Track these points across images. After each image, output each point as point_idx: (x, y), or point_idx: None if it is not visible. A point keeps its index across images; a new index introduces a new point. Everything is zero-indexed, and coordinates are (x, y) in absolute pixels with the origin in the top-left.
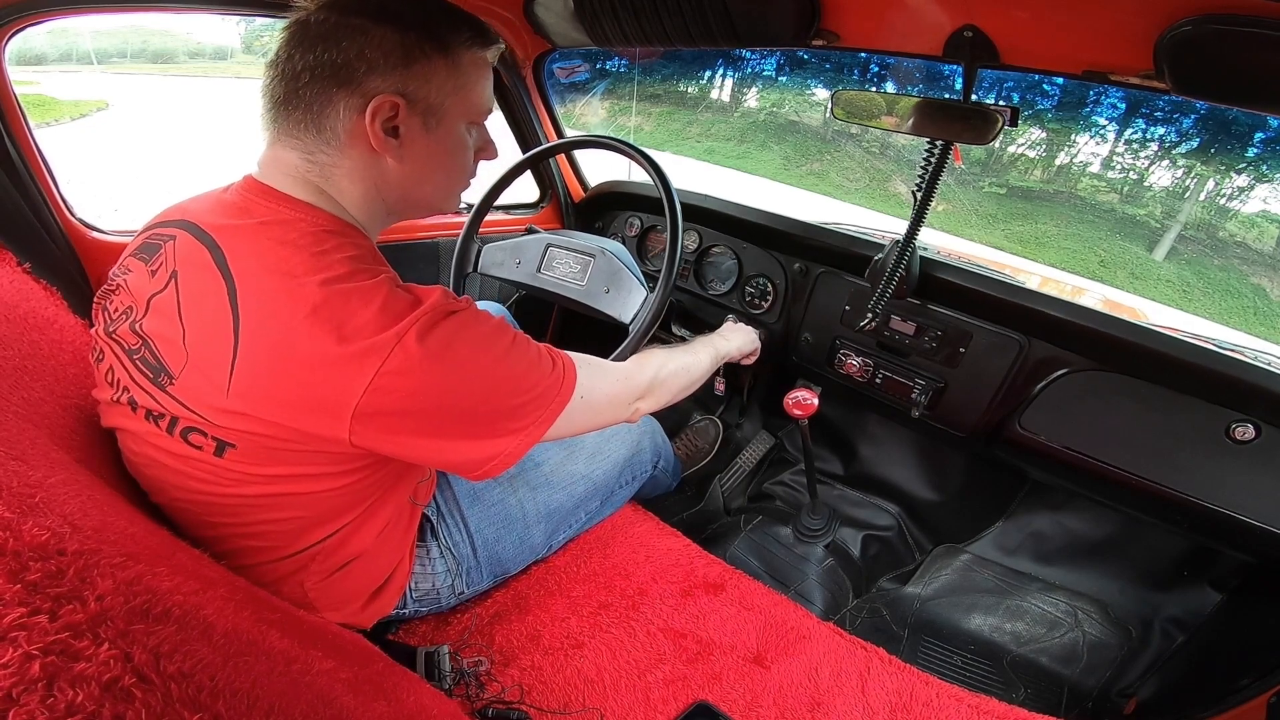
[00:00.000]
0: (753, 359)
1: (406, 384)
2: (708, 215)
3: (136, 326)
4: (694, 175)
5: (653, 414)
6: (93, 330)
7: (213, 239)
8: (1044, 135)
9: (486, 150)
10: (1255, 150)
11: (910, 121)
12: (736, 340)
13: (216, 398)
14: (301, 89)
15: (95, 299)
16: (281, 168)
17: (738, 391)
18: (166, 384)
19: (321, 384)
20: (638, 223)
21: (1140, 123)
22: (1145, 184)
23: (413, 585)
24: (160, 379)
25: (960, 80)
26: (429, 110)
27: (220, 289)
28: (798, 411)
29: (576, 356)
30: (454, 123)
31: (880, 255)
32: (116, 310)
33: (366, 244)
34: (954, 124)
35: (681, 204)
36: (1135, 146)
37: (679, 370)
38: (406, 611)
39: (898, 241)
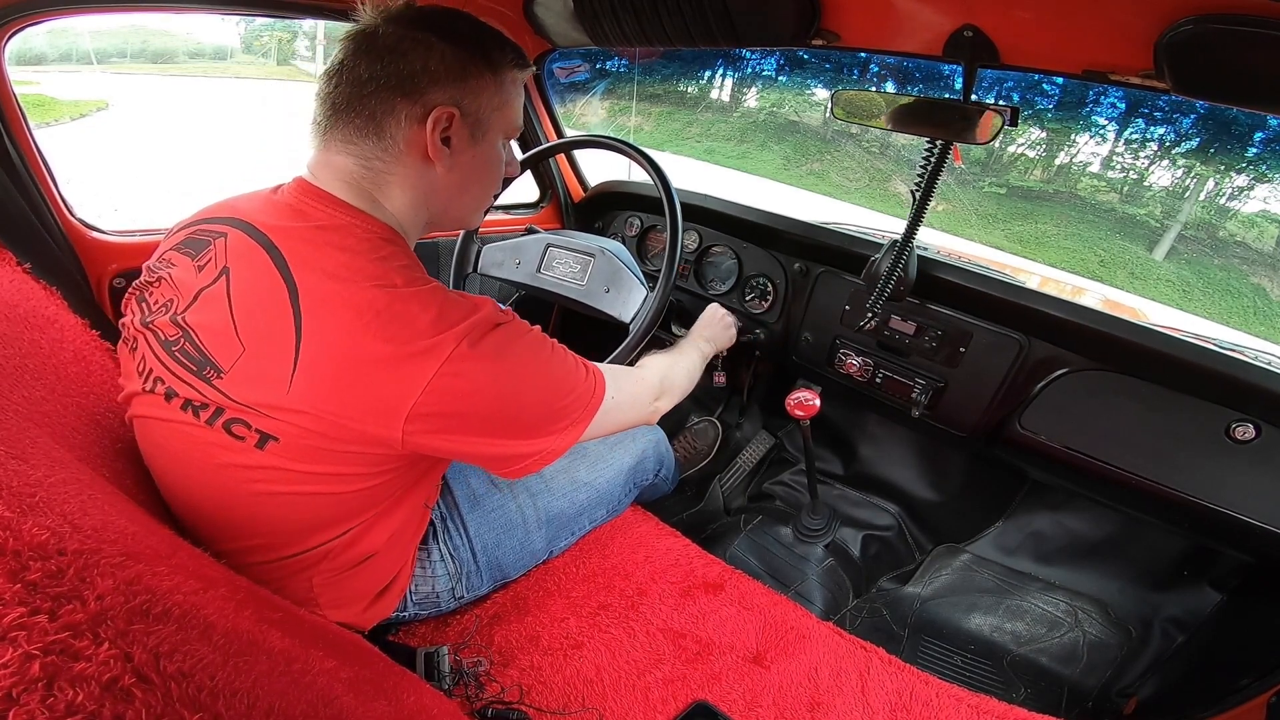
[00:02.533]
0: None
1: (462, 385)
2: (708, 215)
3: (179, 319)
4: (694, 175)
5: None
6: (124, 321)
7: (269, 239)
8: (1044, 135)
9: (513, 166)
10: (1255, 150)
11: (910, 121)
12: (718, 340)
13: (275, 395)
14: (367, 96)
15: (129, 290)
16: (336, 173)
17: (737, 391)
18: (212, 376)
19: (382, 385)
20: (638, 222)
21: (1140, 123)
22: (1145, 184)
23: (413, 588)
24: (205, 371)
25: (960, 80)
26: (477, 123)
27: (280, 290)
28: (799, 412)
29: (600, 365)
30: (495, 137)
31: (877, 256)
32: (156, 303)
33: (411, 252)
34: (954, 124)
35: (681, 204)
36: (1135, 146)
37: (681, 369)
38: (406, 614)
39: (895, 243)
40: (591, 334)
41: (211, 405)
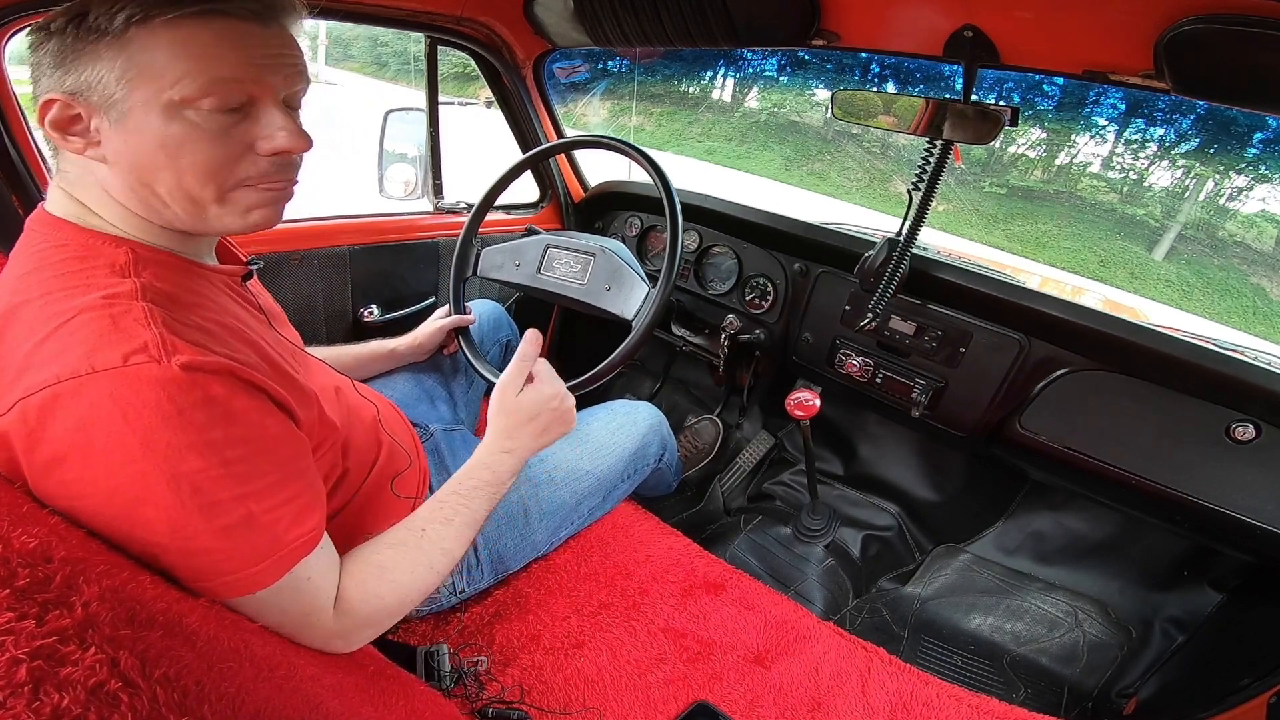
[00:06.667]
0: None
1: None
2: (708, 215)
3: None
4: (694, 175)
5: (659, 407)
6: None
7: None
8: (1044, 135)
9: (273, 137)
10: (1255, 150)
11: (910, 121)
12: (519, 458)
13: None
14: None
15: None
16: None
17: (737, 391)
18: None
19: None
20: (638, 223)
21: (1140, 123)
22: (1145, 184)
23: None
24: None
25: (960, 80)
26: (108, 104)
27: None
28: (799, 412)
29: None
30: (147, 111)
31: (870, 253)
32: None
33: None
34: (954, 124)
35: (682, 204)
36: (1135, 146)
37: (434, 553)
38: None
39: (889, 239)
40: (593, 334)
41: None
